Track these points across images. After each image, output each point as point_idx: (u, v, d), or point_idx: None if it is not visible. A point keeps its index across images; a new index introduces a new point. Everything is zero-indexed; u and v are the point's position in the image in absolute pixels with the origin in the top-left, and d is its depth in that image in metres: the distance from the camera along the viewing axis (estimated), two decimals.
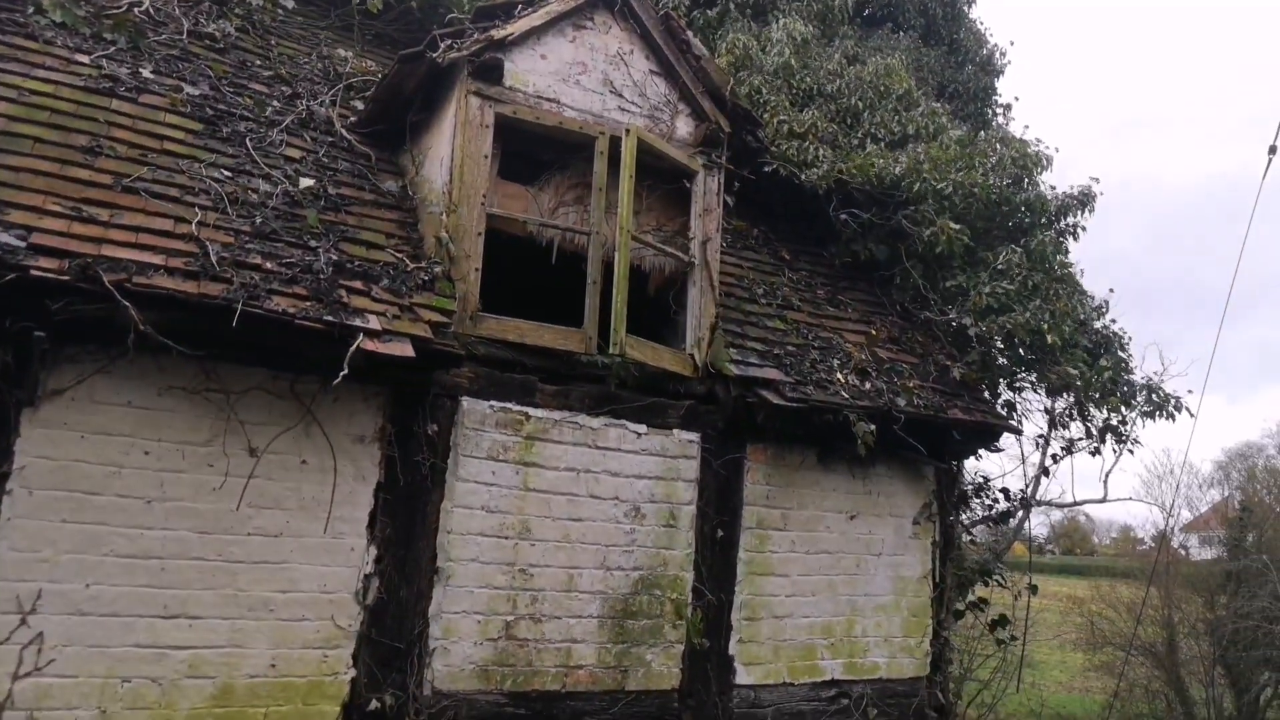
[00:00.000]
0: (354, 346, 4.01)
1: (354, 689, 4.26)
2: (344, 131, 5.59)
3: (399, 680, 4.36)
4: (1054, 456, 7.09)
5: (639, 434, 5.14)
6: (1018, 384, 6.92)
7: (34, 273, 3.62)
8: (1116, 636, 18.15)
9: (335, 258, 4.51)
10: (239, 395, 4.19)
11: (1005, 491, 7.44)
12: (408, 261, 4.77)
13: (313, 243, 4.56)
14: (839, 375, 5.66)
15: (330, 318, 4.07)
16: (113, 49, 5.30)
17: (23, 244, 3.73)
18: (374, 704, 4.26)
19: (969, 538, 7.53)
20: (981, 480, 7.44)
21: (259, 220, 4.52)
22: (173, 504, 4.01)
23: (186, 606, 3.99)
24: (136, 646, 3.88)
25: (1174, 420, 6.47)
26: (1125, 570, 22.41)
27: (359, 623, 4.31)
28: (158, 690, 3.89)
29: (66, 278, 3.67)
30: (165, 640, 3.93)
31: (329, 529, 4.31)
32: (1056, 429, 6.95)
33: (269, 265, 4.23)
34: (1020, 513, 8.42)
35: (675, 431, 5.26)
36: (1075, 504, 13.82)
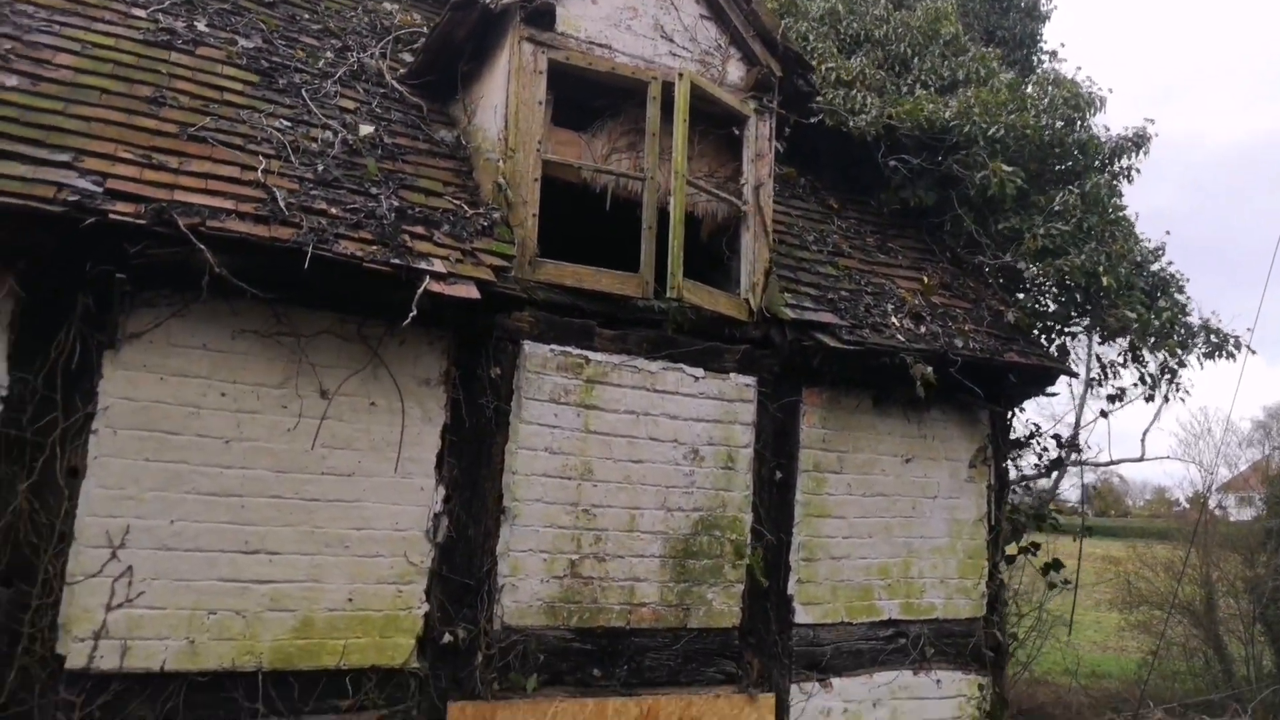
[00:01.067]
0: (421, 289, 4.07)
1: (427, 623, 4.36)
2: (395, 83, 5.61)
3: (470, 615, 4.46)
4: (1109, 398, 7.02)
5: (696, 378, 5.17)
6: (1070, 329, 6.85)
7: (112, 217, 3.69)
8: (1154, 595, 18.05)
9: (397, 204, 4.55)
10: (309, 339, 4.26)
11: (1057, 438, 7.41)
12: (466, 208, 4.80)
13: (374, 190, 4.60)
14: (893, 319, 5.64)
15: (397, 260, 4.13)
16: (167, 3, 5.34)
17: (100, 189, 3.80)
18: (447, 638, 4.37)
19: (1023, 482, 7.52)
20: (1034, 428, 7.42)
21: (320, 168, 4.57)
22: (249, 444, 4.11)
23: (266, 542, 4.09)
24: (220, 580, 4.00)
25: (1234, 359, 6.39)
26: (1161, 531, 22.19)
27: (430, 560, 4.41)
28: (242, 622, 4.01)
29: (143, 221, 3.74)
30: (247, 574, 4.05)
31: (399, 469, 4.39)
32: (1109, 376, 6.88)
33: (334, 211, 4.29)
34: (1066, 462, 8.35)
35: (732, 375, 5.27)
36: (1112, 463, 13.70)
